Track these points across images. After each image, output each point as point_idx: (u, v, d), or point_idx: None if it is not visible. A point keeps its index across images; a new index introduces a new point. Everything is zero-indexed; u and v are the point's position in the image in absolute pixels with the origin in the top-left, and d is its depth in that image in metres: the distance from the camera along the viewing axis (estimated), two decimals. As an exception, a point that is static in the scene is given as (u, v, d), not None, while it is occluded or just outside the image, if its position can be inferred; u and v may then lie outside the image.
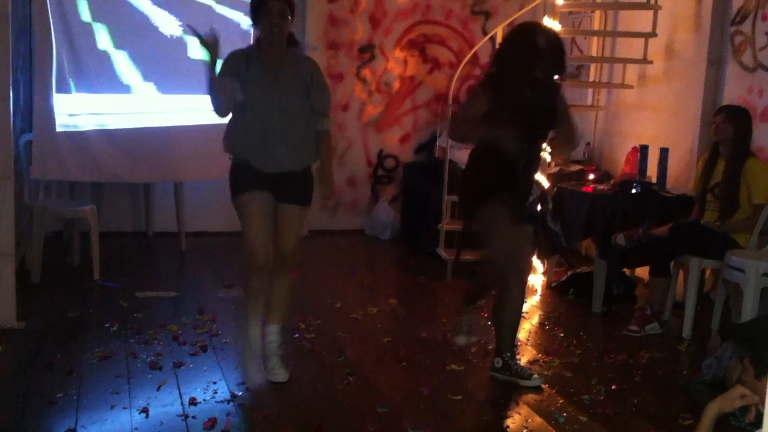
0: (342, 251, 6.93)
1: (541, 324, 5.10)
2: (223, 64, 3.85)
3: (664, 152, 5.59)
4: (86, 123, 6.05)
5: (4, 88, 4.40)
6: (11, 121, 4.52)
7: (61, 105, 5.90)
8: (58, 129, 5.88)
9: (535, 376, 4.06)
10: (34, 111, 5.84)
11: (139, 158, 6.19)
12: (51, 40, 5.80)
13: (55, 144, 5.84)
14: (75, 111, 5.99)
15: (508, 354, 4.09)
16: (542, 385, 4.04)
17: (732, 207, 4.81)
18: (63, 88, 5.91)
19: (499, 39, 6.33)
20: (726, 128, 4.85)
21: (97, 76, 6.08)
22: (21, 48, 5.66)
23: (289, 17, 3.79)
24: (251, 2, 3.82)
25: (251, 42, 4.26)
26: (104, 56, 6.10)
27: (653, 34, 5.99)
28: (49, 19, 5.77)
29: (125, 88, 6.22)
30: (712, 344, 4.25)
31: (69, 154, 5.90)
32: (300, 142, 3.85)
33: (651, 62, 6.10)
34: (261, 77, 3.80)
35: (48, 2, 5.75)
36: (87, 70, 6.03)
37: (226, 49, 3.86)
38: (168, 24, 6.32)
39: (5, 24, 4.37)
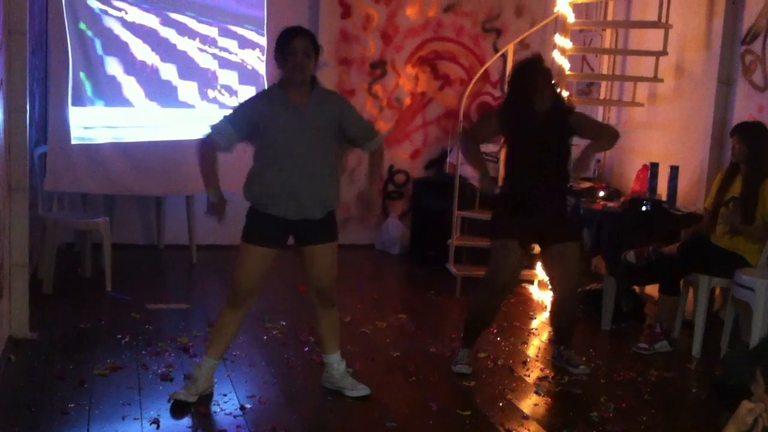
0: (352, 266, 6.93)
1: (551, 341, 5.10)
2: (241, 108, 3.84)
3: (674, 170, 5.61)
4: (101, 136, 6.11)
5: (21, 100, 4.45)
6: (27, 134, 4.58)
7: (76, 118, 5.96)
8: (73, 142, 5.94)
9: (583, 366, 4.50)
10: (49, 123, 5.91)
11: (151, 171, 6.25)
12: (67, 54, 5.87)
13: (69, 156, 5.90)
14: (90, 124, 6.06)
15: (562, 347, 4.58)
16: (551, 401, 4.05)
17: (746, 222, 4.79)
18: (78, 101, 5.98)
19: (510, 56, 6.39)
20: (741, 149, 4.84)
21: (113, 89, 6.15)
22: (36, 61, 5.73)
23: (313, 56, 3.75)
24: (277, 40, 3.77)
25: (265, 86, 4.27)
26: (119, 70, 6.17)
27: (664, 53, 6.02)
28: (65, 33, 5.84)
29: (140, 102, 6.29)
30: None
31: (83, 167, 5.96)
32: (326, 187, 3.82)
33: (661, 80, 6.12)
34: (286, 119, 3.74)
35: (65, 16, 5.82)
36: (102, 83, 6.11)
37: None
38: (183, 40, 6.39)
39: (22, 38, 4.42)
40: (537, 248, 6.03)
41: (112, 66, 6.15)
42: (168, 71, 6.38)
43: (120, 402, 3.75)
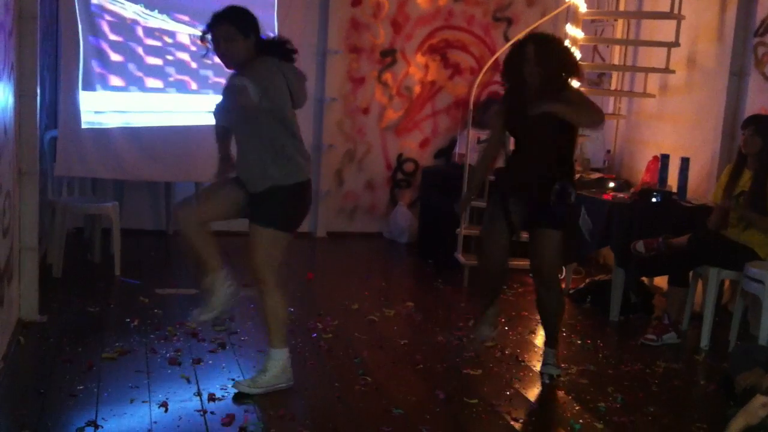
0: (360, 254, 6.96)
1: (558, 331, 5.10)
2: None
3: (684, 162, 5.59)
4: (111, 121, 6.12)
5: (31, 85, 4.46)
6: (37, 118, 4.59)
7: (86, 103, 5.97)
8: (83, 126, 5.95)
9: (553, 367, 4.27)
10: (59, 108, 5.92)
11: (161, 157, 6.25)
12: (78, 39, 5.87)
13: (79, 141, 5.91)
14: (100, 109, 6.06)
15: (546, 346, 4.38)
16: (558, 392, 4.06)
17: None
18: (89, 86, 5.99)
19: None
20: (755, 141, 4.81)
21: (123, 74, 6.15)
22: (47, 46, 5.73)
23: (243, 36, 3.64)
24: None
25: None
26: (130, 55, 6.18)
27: (676, 44, 5.99)
28: (76, 18, 5.84)
29: (150, 88, 6.29)
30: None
31: (93, 152, 5.97)
32: (267, 162, 3.71)
33: (673, 72, 6.09)
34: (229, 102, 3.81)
35: (76, 1, 5.82)
36: (113, 68, 6.11)
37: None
38: (195, 27, 6.39)
39: (33, 22, 4.43)
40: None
41: (123, 51, 6.15)
42: (179, 58, 6.38)
43: (128, 385, 3.77)
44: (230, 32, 3.66)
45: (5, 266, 3.98)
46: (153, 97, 6.31)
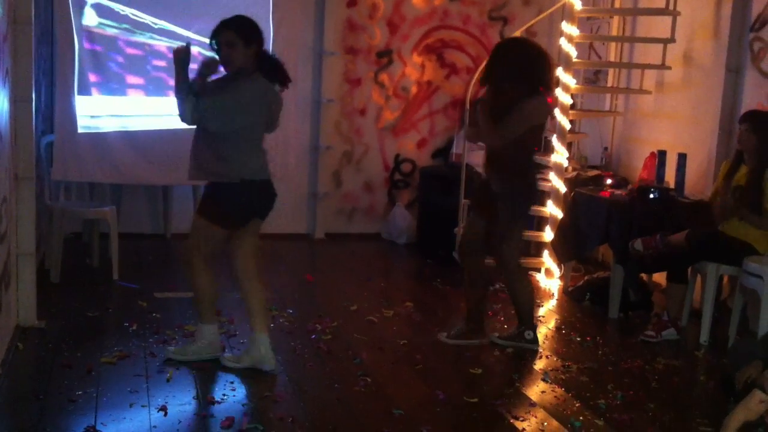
0: (358, 255, 6.95)
1: (558, 329, 5.10)
2: None
3: (682, 158, 5.58)
4: (108, 125, 6.12)
5: (27, 90, 4.45)
6: (33, 123, 4.58)
7: (82, 107, 5.97)
8: (80, 131, 5.95)
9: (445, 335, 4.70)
10: (55, 113, 5.92)
11: (158, 161, 6.25)
12: (73, 44, 5.87)
13: (76, 145, 5.91)
14: (96, 113, 6.06)
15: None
16: (558, 389, 4.06)
17: (753, 212, 4.76)
18: (84, 90, 5.98)
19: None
20: (750, 138, 4.80)
21: (118, 79, 6.15)
22: (42, 50, 5.73)
23: (243, 42, 3.84)
24: None
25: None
26: (126, 59, 6.17)
27: (672, 40, 5.99)
28: (71, 23, 5.84)
29: (146, 91, 6.29)
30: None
31: (90, 156, 5.97)
32: (200, 155, 3.99)
33: (669, 68, 6.09)
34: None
35: (71, 6, 5.82)
36: (109, 73, 6.11)
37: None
38: (188, 30, 6.39)
39: (28, 27, 4.42)
40: (543, 237, 6.06)
41: (117, 55, 6.15)
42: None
43: (127, 389, 3.76)
44: (232, 38, 3.84)
45: (3, 272, 3.97)
46: (149, 100, 6.31)
